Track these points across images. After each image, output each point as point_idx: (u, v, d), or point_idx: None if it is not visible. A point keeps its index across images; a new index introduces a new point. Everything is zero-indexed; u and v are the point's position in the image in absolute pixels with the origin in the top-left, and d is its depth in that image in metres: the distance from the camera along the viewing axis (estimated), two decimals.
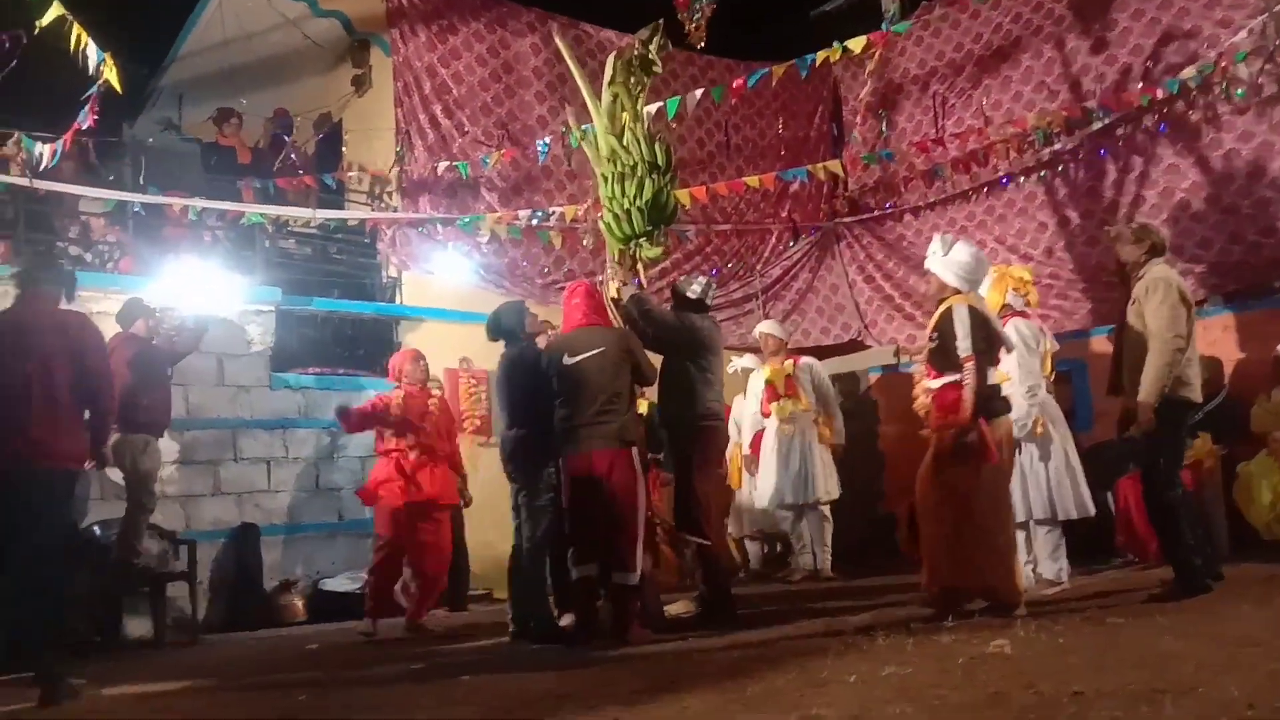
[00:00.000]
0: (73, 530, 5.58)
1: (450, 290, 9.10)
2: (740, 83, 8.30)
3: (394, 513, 6.07)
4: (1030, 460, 5.64)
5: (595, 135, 5.83)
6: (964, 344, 4.72)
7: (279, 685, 4.59)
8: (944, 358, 4.83)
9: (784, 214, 10.70)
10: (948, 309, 4.86)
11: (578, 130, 6.18)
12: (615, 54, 5.75)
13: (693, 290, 5.85)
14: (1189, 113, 8.06)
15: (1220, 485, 6.63)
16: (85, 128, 6.92)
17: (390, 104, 9.32)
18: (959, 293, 4.90)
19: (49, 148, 7.05)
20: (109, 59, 6.46)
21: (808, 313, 10.73)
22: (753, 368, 8.40)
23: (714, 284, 6.31)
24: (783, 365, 7.95)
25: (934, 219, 9.91)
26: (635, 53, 5.63)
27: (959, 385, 4.73)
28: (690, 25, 7.77)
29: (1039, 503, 5.66)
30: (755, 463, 8.05)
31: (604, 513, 5.06)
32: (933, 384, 4.94)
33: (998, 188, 9.44)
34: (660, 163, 5.67)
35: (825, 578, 7.56)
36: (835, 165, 9.38)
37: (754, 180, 9.11)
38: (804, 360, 8.13)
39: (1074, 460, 5.80)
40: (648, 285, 5.94)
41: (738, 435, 8.28)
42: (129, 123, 9.47)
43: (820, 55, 8.02)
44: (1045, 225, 9.05)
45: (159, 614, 6.70)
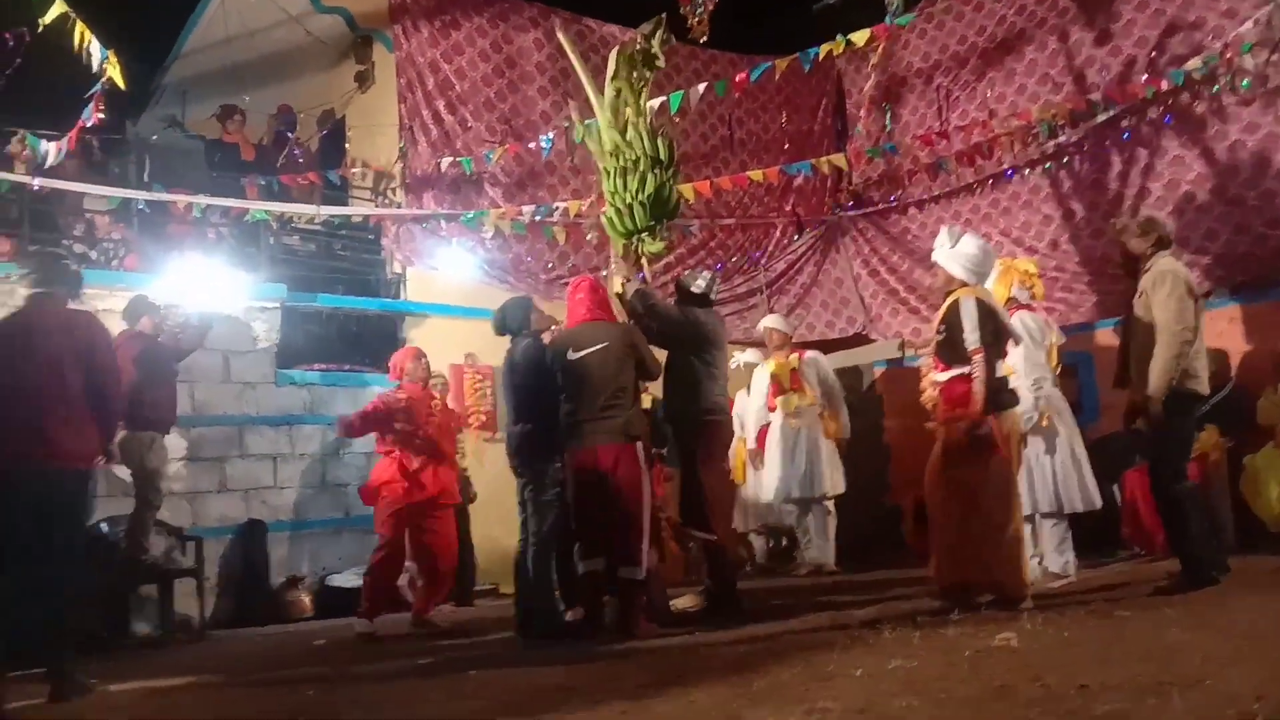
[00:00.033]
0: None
1: (455, 286, 9.11)
2: (743, 77, 8.28)
3: (396, 513, 6.03)
4: (1036, 453, 5.63)
5: (598, 130, 5.82)
6: (972, 336, 4.71)
7: (287, 681, 4.60)
8: (951, 350, 4.82)
9: (788, 208, 10.68)
10: (955, 301, 4.85)
11: (581, 125, 6.17)
12: (618, 49, 5.74)
13: (697, 285, 5.83)
14: (1194, 104, 8.02)
15: (1226, 478, 6.61)
16: (90, 125, 6.93)
17: (393, 100, 9.32)
18: (966, 285, 4.89)
19: (54, 146, 7.06)
20: (112, 56, 6.47)
21: (812, 307, 10.72)
22: (755, 362, 8.40)
23: (718, 278, 6.30)
24: (787, 359, 7.94)
25: (938, 212, 9.88)
26: (638, 47, 5.62)
27: (967, 378, 4.72)
28: (693, 19, 7.77)
29: (1045, 496, 5.66)
30: (760, 457, 8.05)
31: (609, 508, 5.06)
32: (940, 377, 4.92)
33: (1002, 180, 9.42)
34: (663, 157, 5.66)
35: (829, 572, 7.56)
36: (839, 159, 9.36)
37: (758, 174, 9.11)
38: (809, 354, 8.12)
39: (1080, 453, 5.80)
40: (652, 280, 5.93)
41: (741, 430, 8.28)
42: (133, 120, 9.46)
43: (824, 48, 8.00)
44: (1050, 218, 9.03)
45: (166, 610, 6.73)
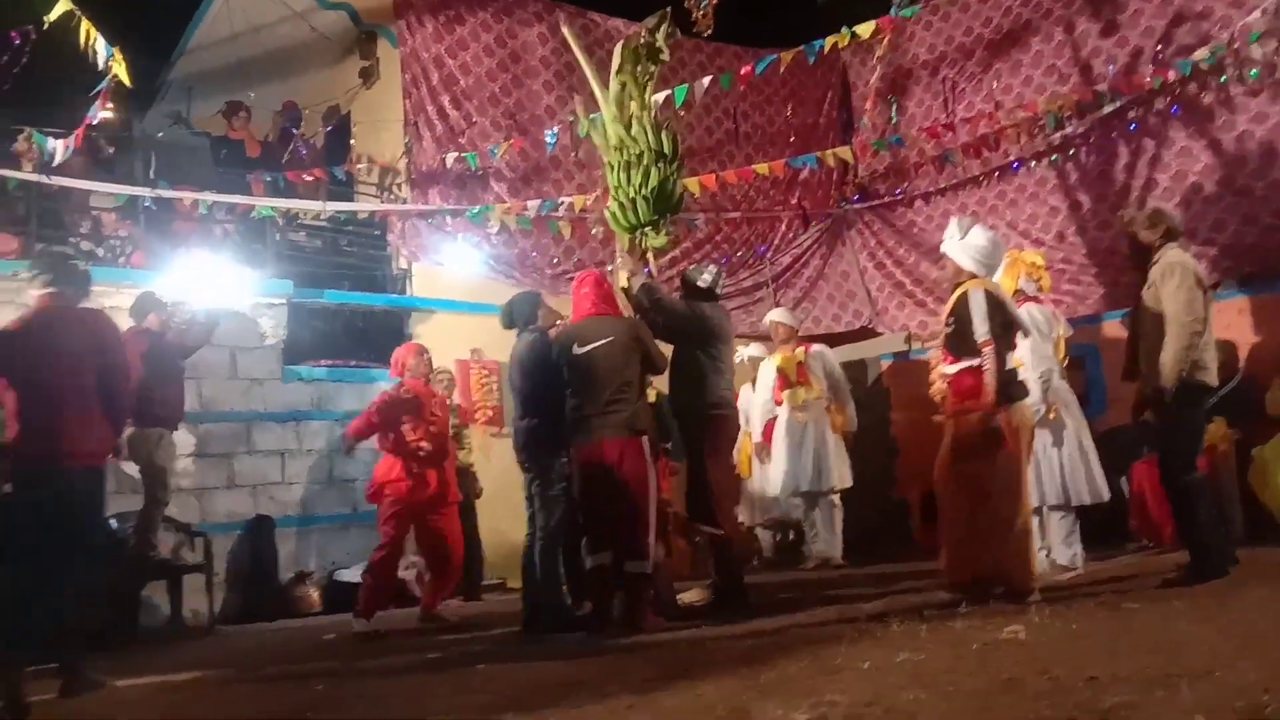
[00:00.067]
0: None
1: (460, 281, 9.12)
2: (748, 69, 8.27)
3: (399, 512, 6.00)
4: (1044, 446, 5.61)
5: (603, 124, 5.81)
6: (981, 328, 4.69)
7: (295, 676, 4.62)
8: (961, 342, 4.80)
9: (794, 201, 10.66)
10: (964, 293, 4.82)
11: (586, 119, 6.16)
12: (623, 42, 5.72)
13: (703, 279, 5.82)
14: (1201, 95, 7.98)
15: (1235, 469, 6.59)
16: (96, 122, 6.95)
17: (398, 95, 9.32)
18: (975, 277, 4.87)
19: (61, 143, 7.08)
20: (118, 53, 6.48)
21: (818, 300, 10.71)
22: (760, 356, 8.39)
23: (724, 272, 6.29)
24: (794, 353, 7.93)
25: (945, 204, 9.86)
26: (643, 41, 5.60)
27: (976, 370, 4.70)
28: (698, 12, 7.73)
29: (1053, 488, 5.65)
30: (767, 451, 8.04)
31: (615, 502, 5.06)
32: (949, 369, 4.90)
33: (1008, 172, 9.39)
34: (667, 151, 5.65)
35: (836, 565, 7.56)
36: (845, 151, 9.35)
37: (763, 168, 9.09)
38: (815, 348, 8.10)
39: (1088, 445, 5.79)
40: (658, 274, 5.92)
41: (745, 425, 8.27)
42: (138, 117, 9.49)
43: (829, 41, 7.98)
44: (1057, 210, 9.00)
45: (175, 606, 6.76)
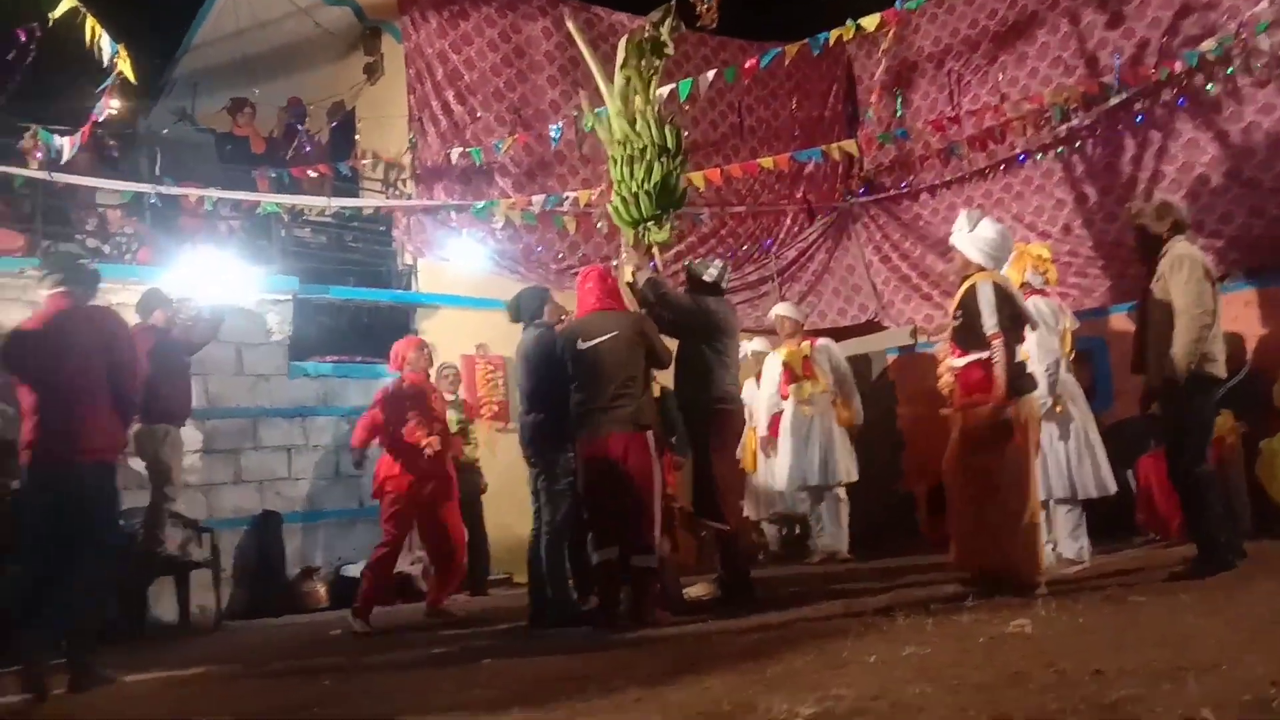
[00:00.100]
0: None
1: (466, 277, 9.13)
2: (753, 63, 8.24)
3: (401, 510, 5.99)
4: (1050, 439, 5.60)
5: (607, 118, 5.81)
6: (990, 321, 4.67)
7: (302, 671, 4.63)
8: (969, 335, 4.78)
9: (799, 195, 10.65)
10: (972, 286, 4.81)
11: (590, 114, 6.15)
12: (627, 36, 5.72)
13: (708, 273, 5.81)
14: (1208, 86, 7.95)
15: (1242, 462, 6.57)
16: (101, 119, 6.96)
17: (403, 91, 9.33)
18: (983, 269, 4.86)
19: (67, 140, 7.09)
20: (123, 50, 6.49)
21: (824, 294, 10.69)
22: (764, 351, 8.37)
23: (729, 266, 6.28)
24: (799, 347, 7.92)
25: (951, 198, 9.84)
26: (647, 35, 5.60)
27: (984, 363, 4.69)
28: (702, 6, 7.74)
29: (1059, 482, 5.64)
30: (773, 445, 8.03)
31: (620, 496, 5.06)
32: (957, 362, 4.88)
33: (1015, 165, 9.37)
34: (670, 146, 5.64)
35: (842, 559, 7.55)
36: (850, 145, 9.33)
37: (768, 161, 9.07)
38: (821, 341, 8.09)
39: (1094, 438, 5.77)
40: (663, 269, 5.92)
41: (750, 419, 8.25)
42: (144, 114, 9.50)
43: (834, 34, 7.96)
44: (1063, 202, 8.97)
45: (183, 602, 6.78)
